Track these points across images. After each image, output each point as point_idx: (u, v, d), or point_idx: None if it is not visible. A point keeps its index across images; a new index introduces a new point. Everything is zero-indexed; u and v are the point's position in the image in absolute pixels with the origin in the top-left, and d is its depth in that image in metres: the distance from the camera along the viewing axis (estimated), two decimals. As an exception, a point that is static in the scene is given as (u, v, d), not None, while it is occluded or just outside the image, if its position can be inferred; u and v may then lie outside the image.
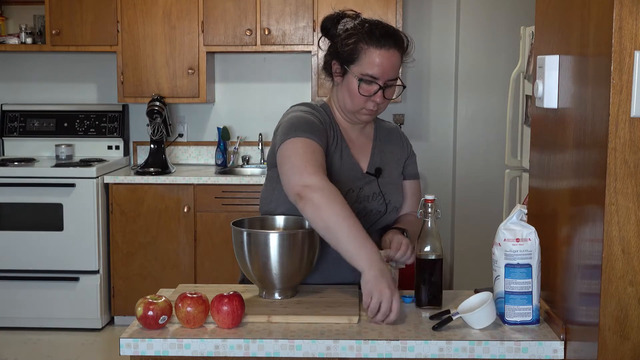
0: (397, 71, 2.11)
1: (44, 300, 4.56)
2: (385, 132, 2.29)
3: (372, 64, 2.06)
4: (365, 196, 2.16)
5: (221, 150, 4.92)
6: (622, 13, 1.39)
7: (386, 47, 2.07)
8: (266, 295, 1.95)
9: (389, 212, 2.21)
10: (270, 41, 4.67)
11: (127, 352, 1.70)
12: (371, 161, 2.21)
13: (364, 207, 2.15)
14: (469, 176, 4.94)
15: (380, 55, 2.06)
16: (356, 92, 2.08)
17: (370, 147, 2.23)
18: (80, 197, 4.48)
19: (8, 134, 5.05)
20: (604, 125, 1.42)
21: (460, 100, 4.94)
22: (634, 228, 1.43)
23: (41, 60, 5.12)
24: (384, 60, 2.06)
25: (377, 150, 2.23)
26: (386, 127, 2.31)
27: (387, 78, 2.08)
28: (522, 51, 4.04)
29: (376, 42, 2.07)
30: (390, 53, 2.07)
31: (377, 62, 2.06)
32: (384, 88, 2.08)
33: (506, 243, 1.73)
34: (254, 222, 2.08)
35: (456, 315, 1.74)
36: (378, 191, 2.18)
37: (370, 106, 2.10)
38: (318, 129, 2.06)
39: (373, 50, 2.06)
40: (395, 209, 2.22)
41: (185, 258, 4.60)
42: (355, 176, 2.16)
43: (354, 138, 2.21)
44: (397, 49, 2.09)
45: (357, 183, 2.15)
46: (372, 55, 2.06)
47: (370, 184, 2.18)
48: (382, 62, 2.06)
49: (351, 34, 2.10)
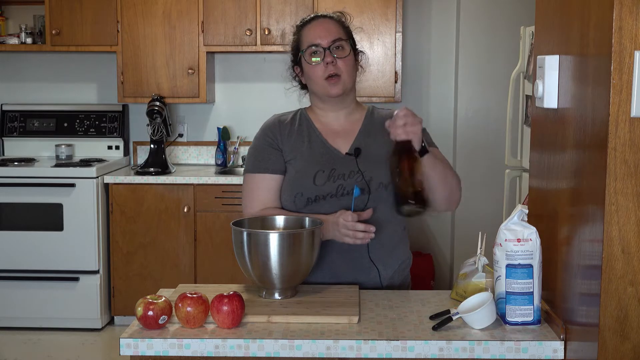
0: (339, 33, 2.24)
1: (44, 300, 4.56)
2: (379, 117, 2.30)
3: (310, 36, 2.22)
4: (340, 174, 2.18)
5: (221, 150, 4.92)
6: (622, 13, 1.39)
7: (314, 20, 2.26)
8: (266, 295, 1.95)
9: (375, 189, 2.17)
10: (270, 41, 4.67)
11: (127, 352, 1.70)
12: (353, 144, 2.24)
13: (339, 184, 2.17)
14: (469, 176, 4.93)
15: (310, 27, 2.24)
16: (311, 70, 2.22)
17: (356, 132, 2.26)
18: (80, 197, 4.48)
19: (8, 134, 5.05)
20: (604, 125, 1.42)
21: (460, 100, 4.94)
22: (634, 228, 1.43)
23: (41, 60, 5.12)
24: (316, 28, 2.23)
25: (363, 134, 2.26)
26: (382, 113, 2.33)
27: (329, 40, 2.20)
28: (522, 51, 4.04)
29: (306, 22, 2.27)
30: (319, 21, 2.25)
31: (311, 32, 2.23)
32: (329, 48, 2.19)
33: (507, 243, 1.73)
34: (254, 222, 2.08)
35: (456, 315, 1.74)
36: (356, 169, 2.19)
37: (328, 71, 2.19)
38: (262, 155, 2.24)
39: (307, 27, 2.25)
40: (383, 186, 2.18)
41: (185, 258, 4.60)
42: (328, 159, 2.21)
43: (337, 127, 2.27)
44: (328, 18, 2.27)
45: (330, 164, 2.20)
46: (307, 31, 2.24)
47: (347, 164, 2.20)
48: (315, 30, 2.22)
49: (292, 35, 2.31)
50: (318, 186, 2.16)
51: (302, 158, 2.21)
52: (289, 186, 2.20)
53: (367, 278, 2.18)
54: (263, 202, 2.22)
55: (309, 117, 2.29)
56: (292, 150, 2.23)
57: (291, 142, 2.24)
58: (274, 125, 2.28)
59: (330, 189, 2.16)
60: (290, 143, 2.23)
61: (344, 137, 2.25)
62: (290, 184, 2.20)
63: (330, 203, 2.16)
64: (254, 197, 2.23)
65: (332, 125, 2.27)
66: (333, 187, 2.16)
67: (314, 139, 2.24)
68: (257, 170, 2.24)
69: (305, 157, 2.21)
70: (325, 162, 2.20)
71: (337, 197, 2.16)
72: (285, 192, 2.21)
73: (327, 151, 2.22)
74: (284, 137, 2.25)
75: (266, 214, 2.16)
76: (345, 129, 2.27)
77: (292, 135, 2.25)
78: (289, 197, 2.19)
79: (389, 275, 2.23)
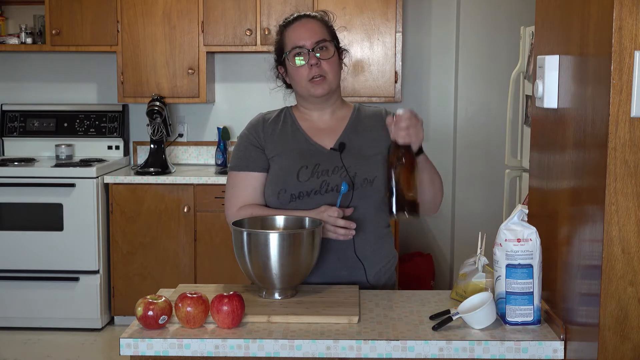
0: (322, 34, 2.23)
1: (44, 300, 4.55)
2: (365, 115, 2.31)
3: (293, 37, 2.22)
4: (324, 170, 2.18)
5: (221, 150, 4.91)
6: (622, 13, 1.39)
7: (297, 20, 2.25)
8: (266, 295, 1.95)
9: (360, 185, 2.17)
10: (270, 41, 4.64)
11: (127, 352, 1.70)
12: (338, 140, 2.24)
13: (323, 180, 2.18)
14: (469, 176, 4.94)
15: (294, 28, 2.24)
16: (295, 71, 2.21)
17: (342, 129, 2.26)
18: (80, 197, 4.48)
19: (8, 134, 5.04)
20: (604, 125, 1.42)
21: (460, 100, 4.94)
22: (634, 228, 1.43)
23: (41, 60, 5.12)
24: (300, 29, 2.22)
25: (349, 131, 2.26)
26: (369, 111, 2.33)
27: (313, 41, 2.19)
28: (522, 51, 4.04)
29: (289, 23, 2.26)
30: (303, 22, 2.25)
31: (295, 34, 2.22)
32: (313, 49, 2.19)
33: (507, 243, 1.73)
34: (254, 222, 2.08)
35: (456, 315, 1.74)
36: (340, 165, 2.19)
37: (313, 73, 2.19)
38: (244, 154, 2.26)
39: (290, 28, 2.25)
40: (369, 182, 2.18)
41: (185, 258, 4.60)
42: (312, 155, 2.21)
43: (322, 124, 2.28)
44: (311, 18, 2.26)
45: (314, 160, 2.20)
46: (291, 32, 2.24)
47: (331, 159, 2.20)
48: (299, 32, 2.22)
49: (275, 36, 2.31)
50: (302, 182, 2.17)
51: (285, 155, 2.22)
52: (272, 183, 2.21)
53: (353, 275, 2.18)
54: (244, 200, 2.23)
55: (293, 115, 2.30)
56: (275, 148, 2.23)
57: (274, 140, 2.24)
58: (257, 124, 2.30)
59: (314, 185, 2.16)
60: (274, 140, 2.24)
61: (329, 134, 2.26)
62: (273, 180, 2.21)
63: (315, 200, 2.16)
64: (235, 194, 2.25)
65: (317, 123, 2.28)
66: (317, 183, 2.17)
67: (298, 136, 2.24)
68: (239, 168, 2.26)
69: (288, 153, 2.22)
70: (309, 158, 2.20)
71: (321, 193, 2.16)
72: (268, 189, 2.22)
73: (310, 147, 2.23)
74: (267, 135, 2.25)
75: (246, 212, 2.18)
76: (331, 126, 2.27)
77: (275, 133, 2.25)
78: (273, 193, 2.20)
79: (374, 273, 2.22)
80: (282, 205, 2.18)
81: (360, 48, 4.65)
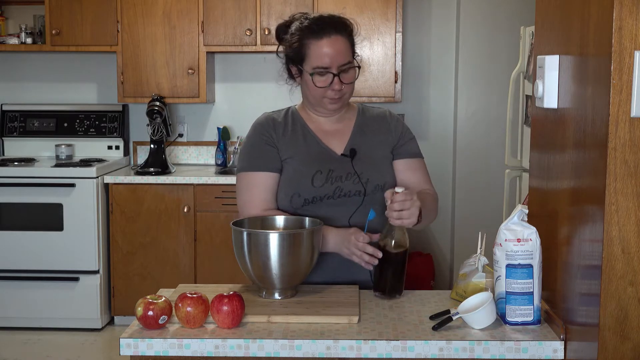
0: (348, 54, 2.17)
1: (44, 300, 4.55)
2: (370, 117, 2.31)
3: (319, 55, 2.13)
4: (338, 176, 2.18)
5: (221, 150, 4.91)
6: (622, 13, 1.39)
7: (327, 35, 2.13)
8: (266, 295, 1.95)
9: (371, 191, 2.19)
10: (270, 41, 4.66)
11: (127, 352, 1.70)
12: (348, 145, 2.24)
13: (337, 186, 2.17)
14: (469, 176, 4.94)
15: (323, 45, 2.13)
16: (313, 86, 2.15)
17: (349, 133, 2.26)
18: (80, 197, 4.48)
19: (8, 134, 5.04)
20: (604, 125, 1.42)
21: (460, 100, 4.94)
22: (634, 228, 1.43)
23: (41, 60, 5.11)
24: (329, 48, 2.12)
25: (356, 135, 2.26)
26: (373, 112, 2.33)
27: (338, 64, 2.14)
28: (522, 51, 4.04)
29: (316, 34, 2.14)
30: (332, 40, 2.13)
31: (323, 52, 2.13)
32: (338, 74, 2.13)
33: (507, 243, 1.73)
34: (254, 222, 2.08)
35: (456, 315, 1.74)
36: (352, 171, 2.19)
37: (331, 95, 2.16)
38: (258, 153, 2.20)
39: (315, 42, 2.14)
40: (379, 187, 2.19)
41: (185, 258, 4.60)
42: (325, 159, 2.20)
43: (328, 127, 2.26)
44: (340, 34, 2.15)
45: (327, 165, 2.19)
46: (316, 47, 2.13)
47: (343, 165, 2.20)
48: (328, 51, 2.12)
49: (294, 34, 2.18)
50: (316, 187, 2.16)
51: (299, 157, 2.20)
52: (285, 185, 2.19)
53: (361, 277, 2.18)
54: (264, 201, 2.18)
55: (300, 116, 2.28)
56: (289, 149, 2.21)
57: (286, 141, 2.22)
58: (267, 123, 2.26)
59: (327, 191, 2.16)
60: (286, 141, 2.22)
61: (338, 137, 2.25)
62: (287, 183, 2.19)
63: (328, 205, 2.16)
64: (253, 195, 2.19)
65: (324, 125, 2.27)
66: (331, 189, 2.16)
67: (309, 139, 2.23)
68: (254, 168, 2.21)
69: (302, 156, 2.20)
70: (322, 163, 2.19)
71: (335, 198, 2.16)
72: (281, 192, 2.20)
73: (322, 151, 2.22)
74: (279, 136, 2.23)
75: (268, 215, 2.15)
76: (338, 129, 2.27)
77: (286, 134, 2.23)
78: (286, 196, 2.19)
79: None
80: (294, 209, 2.18)
81: (360, 48, 4.64)
